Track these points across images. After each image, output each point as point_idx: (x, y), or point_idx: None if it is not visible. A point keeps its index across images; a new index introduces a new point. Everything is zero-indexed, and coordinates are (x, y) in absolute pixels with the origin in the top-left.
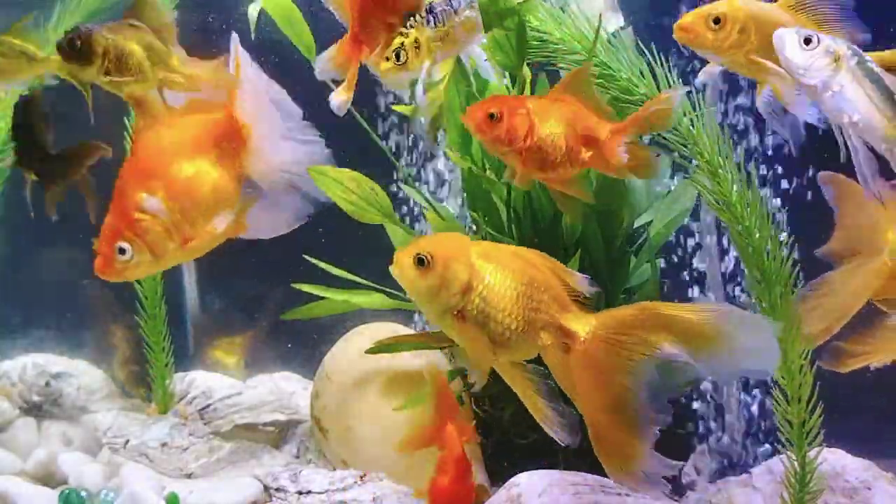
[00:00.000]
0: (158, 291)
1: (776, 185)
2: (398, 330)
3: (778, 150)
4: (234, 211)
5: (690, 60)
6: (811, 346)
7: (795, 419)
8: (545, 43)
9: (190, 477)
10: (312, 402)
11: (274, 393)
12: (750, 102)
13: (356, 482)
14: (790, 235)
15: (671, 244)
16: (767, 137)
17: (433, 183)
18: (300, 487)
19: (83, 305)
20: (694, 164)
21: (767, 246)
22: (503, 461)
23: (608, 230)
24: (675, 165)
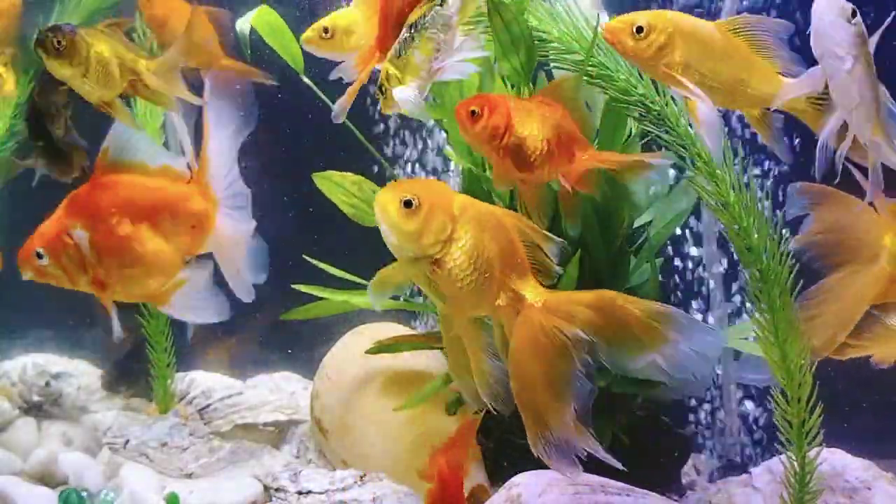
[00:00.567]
0: None
1: (776, 185)
2: (398, 330)
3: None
4: (165, 281)
5: None
6: (818, 357)
7: (795, 419)
8: (544, 42)
9: (190, 477)
10: (312, 402)
11: (274, 393)
12: None
13: (356, 482)
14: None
15: None
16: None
17: None
18: (300, 487)
19: (83, 305)
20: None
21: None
22: (503, 461)
23: (608, 230)
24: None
